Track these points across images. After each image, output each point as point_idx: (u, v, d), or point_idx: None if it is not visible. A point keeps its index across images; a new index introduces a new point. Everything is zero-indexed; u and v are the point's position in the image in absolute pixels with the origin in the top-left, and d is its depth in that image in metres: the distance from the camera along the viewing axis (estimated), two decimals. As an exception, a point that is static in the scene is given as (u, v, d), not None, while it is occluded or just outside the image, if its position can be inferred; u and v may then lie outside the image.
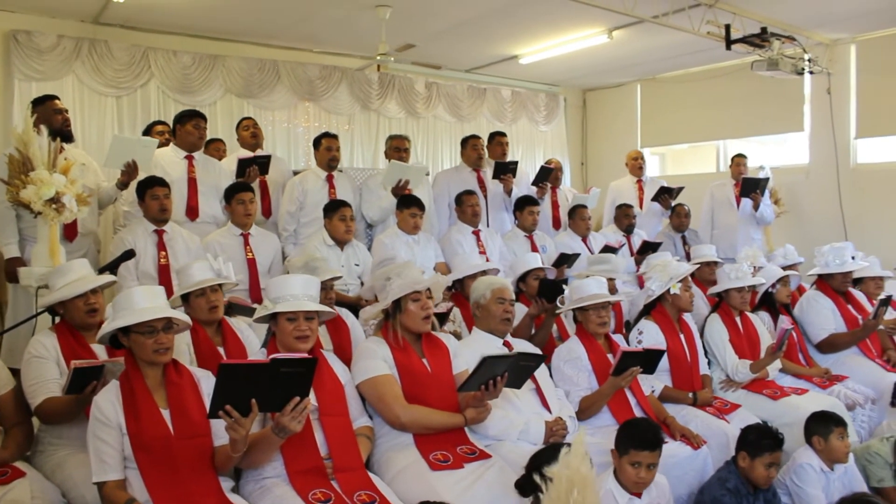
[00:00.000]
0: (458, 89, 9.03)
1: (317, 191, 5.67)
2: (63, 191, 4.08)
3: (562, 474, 0.92)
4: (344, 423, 3.06)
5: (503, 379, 3.16)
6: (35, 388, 3.16)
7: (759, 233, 7.39)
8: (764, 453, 3.42)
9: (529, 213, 6.09)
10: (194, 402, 2.79)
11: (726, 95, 8.79)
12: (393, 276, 3.35)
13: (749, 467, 3.43)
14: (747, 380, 4.49)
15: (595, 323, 3.94)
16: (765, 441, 3.45)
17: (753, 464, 3.42)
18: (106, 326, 2.75)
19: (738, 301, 4.71)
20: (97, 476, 2.63)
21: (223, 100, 7.42)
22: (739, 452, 3.49)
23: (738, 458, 3.50)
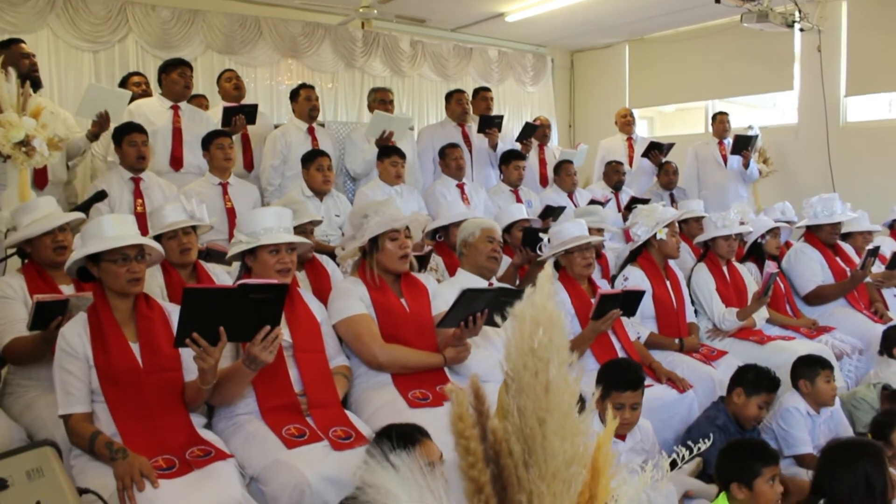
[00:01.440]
0: (443, 48, 8.88)
1: (299, 143, 5.56)
2: (33, 134, 3.95)
3: (525, 313, 0.83)
4: (319, 359, 2.99)
5: (483, 315, 3.09)
6: (2, 329, 3.06)
7: (747, 191, 7.33)
8: (761, 392, 3.40)
9: (515, 168, 6.00)
10: (165, 336, 2.71)
11: (715, 55, 8.68)
12: (370, 213, 3.25)
13: (743, 404, 3.40)
14: (734, 328, 4.44)
15: (580, 265, 3.87)
16: (764, 381, 3.42)
17: (748, 402, 3.39)
18: (75, 254, 2.65)
19: (725, 249, 4.65)
20: (63, 409, 2.55)
21: (204, 56, 7.25)
22: (735, 389, 3.46)
23: (732, 394, 3.46)
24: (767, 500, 2.55)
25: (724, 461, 2.65)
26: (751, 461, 2.56)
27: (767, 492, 2.54)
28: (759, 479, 2.54)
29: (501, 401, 0.86)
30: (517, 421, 0.83)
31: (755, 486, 2.54)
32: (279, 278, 2.90)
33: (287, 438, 2.65)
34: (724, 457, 2.65)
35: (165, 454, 2.48)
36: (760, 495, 2.54)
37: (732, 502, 2.58)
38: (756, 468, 2.54)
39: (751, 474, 2.54)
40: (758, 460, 2.57)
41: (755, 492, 2.54)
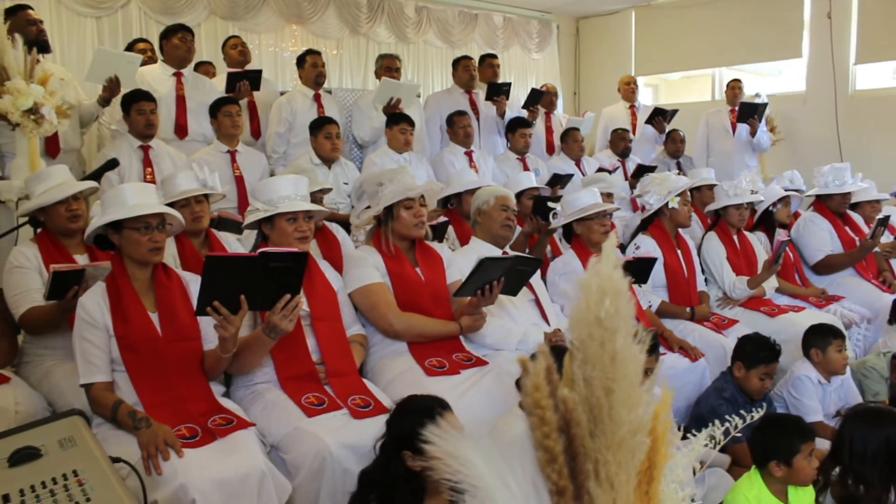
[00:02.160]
0: (448, 14, 8.79)
1: (305, 110, 5.52)
2: (42, 101, 3.92)
3: (591, 283, 0.83)
4: (337, 328, 2.99)
5: (499, 284, 3.08)
6: (18, 299, 3.07)
7: (754, 160, 7.28)
8: (759, 364, 3.38)
9: (521, 135, 5.97)
10: (183, 305, 2.70)
11: (723, 22, 8.59)
12: (385, 181, 3.23)
13: (744, 377, 3.40)
14: (744, 296, 4.43)
15: (599, 232, 3.85)
16: (761, 353, 3.41)
17: (748, 374, 3.39)
18: (97, 220, 2.63)
19: (736, 218, 4.63)
20: (84, 378, 2.55)
21: (207, 22, 7.16)
22: (735, 362, 3.46)
23: (733, 367, 3.46)
24: (806, 476, 2.52)
25: (762, 438, 2.58)
26: (789, 438, 2.51)
27: (806, 468, 2.51)
28: (798, 456, 2.49)
29: (567, 370, 0.85)
30: (583, 391, 0.83)
31: (794, 463, 2.49)
32: (297, 246, 2.89)
33: (307, 407, 2.66)
34: (761, 434, 2.59)
35: (187, 423, 2.49)
36: (799, 472, 2.50)
37: (767, 479, 2.55)
38: (795, 445, 2.50)
39: (790, 451, 2.50)
40: (796, 437, 2.52)
41: (794, 468, 2.50)
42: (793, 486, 2.56)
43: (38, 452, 1.68)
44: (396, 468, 2.25)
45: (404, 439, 2.25)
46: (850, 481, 2.71)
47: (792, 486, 2.56)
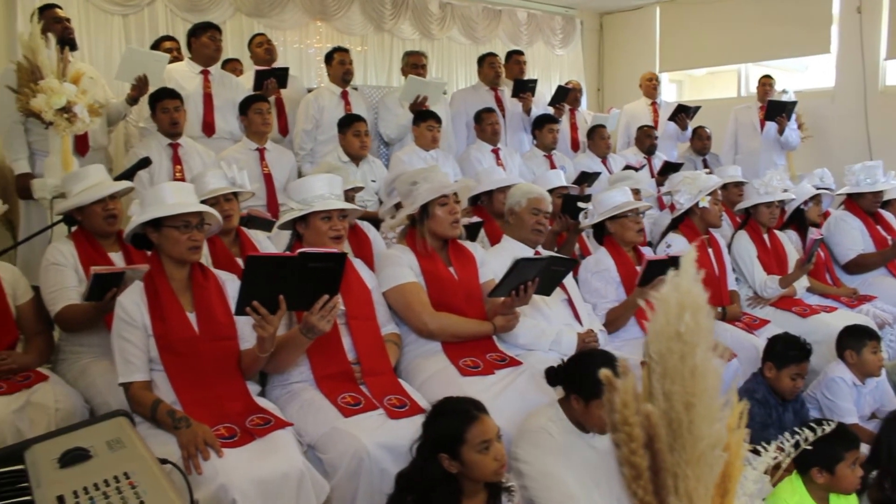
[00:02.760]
0: (472, 10, 8.77)
1: (332, 108, 5.52)
2: (74, 100, 3.94)
3: (671, 297, 0.82)
4: (372, 326, 2.99)
5: (534, 284, 3.07)
6: (55, 296, 3.10)
7: (782, 158, 7.20)
8: (790, 364, 3.33)
9: (549, 132, 5.95)
10: (220, 304, 2.72)
11: (750, 17, 8.49)
12: (419, 180, 3.22)
13: (775, 378, 3.36)
14: (776, 296, 4.40)
15: (634, 230, 3.83)
16: (791, 352, 3.36)
17: (779, 374, 3.35)
18: (136, 218, 2.65)
19: (767, 217, 4.59)
20: (123, 377, 2.57)
21: (233, 19, 7.17)
22: (766, 363, 3.43)
23: (764, 368, 3.43)
24: (849, 484, 2.48)
25: None
26: (833, 446, 2.45)
27: (849, 476, 2.47)
28: (841, 464, 2.46)
29: (646, 384, 0.84)
30: (663, 405, 0.82)
31: (837, 471, 2.46)
32: (332, 245, 2.90)
33: (343, 407, 2.67)
34: None
35: (225, 423, 2.50)
36: (842, 479, 2.47)
37: (809, 485, 2.52)
38: (839, 453, 2.46)
39: (833, 459, 2.46)
40: (840, 444, 2.47)
41: (837, 476, 2.47)
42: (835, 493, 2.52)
43: (88, 454, 1.69)
44: (433, 470, 2.25)
45: (441, 441, 2.25)
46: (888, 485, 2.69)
47: (834, 494, 2.53)
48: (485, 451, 2.21)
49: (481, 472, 2.23)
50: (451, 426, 2.25)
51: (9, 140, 4.41)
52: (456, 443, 2.21)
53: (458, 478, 2.25)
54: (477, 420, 2.26)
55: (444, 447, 2.23)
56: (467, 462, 2.21)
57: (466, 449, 2.21)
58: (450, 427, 2.25)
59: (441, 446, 2.24)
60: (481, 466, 2.21)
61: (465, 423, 2.23)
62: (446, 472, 2.24)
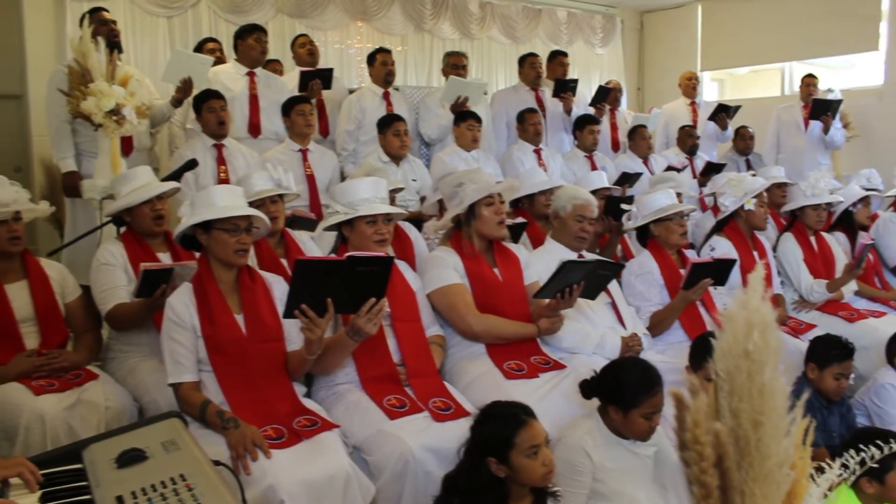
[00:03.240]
0: (512, 10, 8.76)
1: (374, 108, 5.54)
2: (123, 102, 4.02)
3: (739, 315, 0.81)
4: (417, 328, 3.00)
5: (579, 287, 3.06)
6: (105, 295, 3.16)
7: (826, 158, 7.08)
8: (832, 363, 3.30)
9: (590, 132, 5.92)
10: (267, 306, 2.75)
11: (795, 14, 8.37)
12: (465, 181, 3.23)
13: (818, 378, 3.33)
14: (822, 300, 4.33)
15: (678, 233, 3.80)
16: (833, 351, 3.33)
17: (822, 375, 3.31)
18: (187, 220, 2.69)
19: (814, 219, 4.52)
20: (173, 377, 2.61)
21: (275, 20, 7.26)
22: (808, 364, 3.38)
23: (807, 370, 3.39)
24: None
25: None
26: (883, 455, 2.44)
27: None
28: (891, 474, 2.41)
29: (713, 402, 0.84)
30: (730, 422, 0.82)
31: (888, 480, 2.42)
32: (377, 248, 2.91)
33: (389, 409, 2.68)
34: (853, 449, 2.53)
35: (273, 424, 2.53)
36: (893, 490, 2.42)
37: (860, 495, 2.47)
38: (889, 462, 2.40)
39: (883, 468, 2.40)
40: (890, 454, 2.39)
41: (888, 486, 2.42)
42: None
43: (145, 455, 1.72)
44: (481, 474, 2.26)
45: (490, 445, 2.25)
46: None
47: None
48: (533, 456, 2.22)
49: (529, 476, 2.23)
50: (500, 430, 2.26)
51: (57, 139, 4.48)
52: (505, 447, 2.22)
53: (506, 482, 2.26)
54: (526, 425, 2.27)
55: (492, 451, 2.24)
56: (515, 466, 2.22)
57: (515, 453, 2.22)
58: (499, 431, 2.26)
59: (489, 450, 2.25)
60: (529, 471, 2.22)
61: (515, 428, 2.24)
62: (494, 476, 2.25)
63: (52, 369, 2.96)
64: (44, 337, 3.08)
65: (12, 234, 3.08)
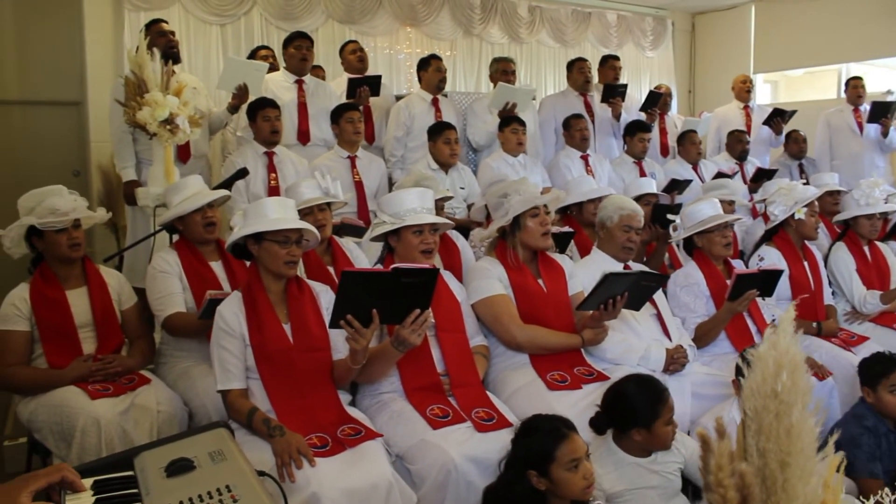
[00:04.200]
0: (561, 13, 8.74)
1: (423, 115, 5.59)
2: (176, 112, 4.12)
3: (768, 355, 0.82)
4: (461, 339, 3.03)
5: (623, 299, 3.06)
6: (162, 301, 3.27)
7: (883, 160, 6.93)
8: (881, 379, 3.14)
9: (640, 140, 5.88)
10: (314, 315, 2.81)
11: (852, 14, 8.19)
12: (511, 192, 3.25)
13: (876, 401, 3.18)
14: (876, 311, 4.24)
15: (721, 244, 3.76)
16: (877, 367, 3.19)
17: (878, 395, 3.17)
18: (239, 231, 2.76)
19: (868, 229, 4.42)
20: (221, 384, 2.68)
21: (325, 26, 7.35)
22: (863, 389, 3.27)
23: (864, 396, 3.28)
24: None
25: None
26: None
27: None
28: None
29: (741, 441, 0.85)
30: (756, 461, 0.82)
31: None
32: (423, 258, 2.95)
33: (432, 419, 2.71)
34: None
35: (318, 432, 2.58)
36: None
37: None
38: None
39: None
40: None
41: None
42: None
43: (193, 465, 1.78)
44: (522, 487, 2.28)
45: (530, 458, 2.27)
46: None
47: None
48: (574, 470, 2.24)
49: (570, 490, 2.25)
50: (541, 444, 2.28)
51: (118, 148, 4.65)
52: (545, 460, 2.24)
53: (546, 495, 2.28)
54: (567, 438, 2.28)
55: (533, 464, 2.26)
56: (556, 480, 2.24)
57: (556, 467, 2.24)
58: (540, 444, 2.28)
59: (530, 463, 2.27)
60: (570, 485, 2.24)
61: (556, 442, 2.26)
62: (534, 489, 2.27)
63: (108, 374, 3.06)
64: (100, 342, 3.20)
65: (73, 242, 3.19)
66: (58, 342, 3.11)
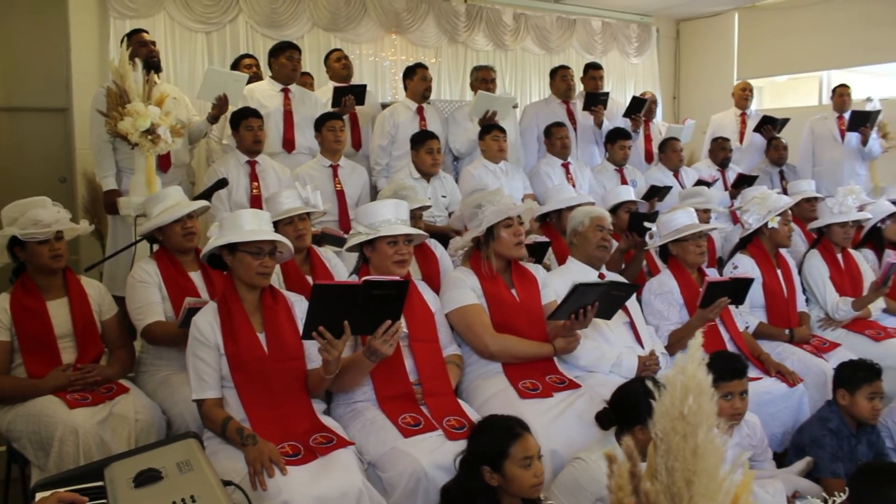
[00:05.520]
0: (546, 20, 8.79)
1: (408, 123, 5.63)
2: (158, 122, 4.16)
3: (676, 380, 0.88)
4: (434, 349, 3.09)
5: (593, 308, 3.12)
6: (142, 310, 3.31)
7: (864, 168, 6.99)
8: (862, 385, 3.26)
9: (620, 147, 5.93)
10: (288, 325, 2.85)
11: (833, 22, 8.27)
12: (485, 203, 3.31)
13: (850, 404, 3.29)
14: (848, 318, 4.31)
15: (695, 253, 3.83)
16: (860, 373, 3.29)
17: (854, 399, 3.28)
18: (214, 241, 2.80)
19: (841, 237, 4.49)
20: (196, 394, 2.73)
21: (310, 34, 7.37)
22: (838, 391, 3.36)
23: (836, 396, 3.36)
24: None
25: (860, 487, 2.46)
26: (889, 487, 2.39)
27: None
28: None
29: (651, 461, 0.91)
30: (665, 480, 0.88)
31: None
32: (396, 269, 3.00)
33: (403, 427, 2.77)
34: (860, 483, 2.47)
35: (291, 441, 2.62)
36: None
37: None
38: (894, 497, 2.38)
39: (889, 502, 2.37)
40: None
41: None
42: None
43: (160, 475, 1.83)
44: (475, 482, 2.38)
45: (485, 454, 2.37)
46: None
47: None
48: (526, 467, 2.35)
49: (520, 486, 2.35)
50: (496, 441, 2.39)
51: (99, 158, 4.68)
52: (500, 457, 2.35)
53: (498, 491, 2.38)
54: (521, 437, 2.39)
55: (487, 460, 2.36)
56: (508, 476, 2.34)
57: (509, 463, 2.34)
58: (495, 441, 2.39)
59: (485, 459, 2.37)
60: (521, 481, 2.34)
61: (511, 439, 2.37)
62: (486, 485, 2.37)
63: (87, 383, 3.10)
64: (80, 352, 3.24)
65: (54, 253, 3.24)
66: (37, 352, 3.15)
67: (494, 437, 2.40)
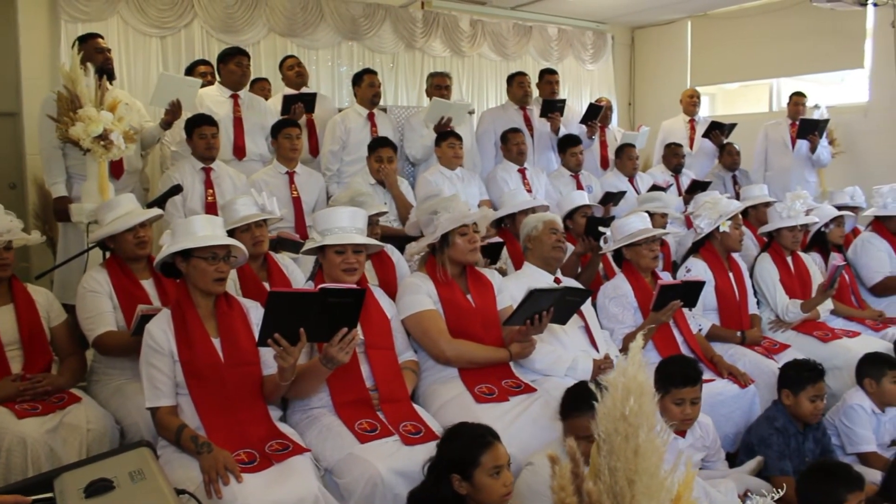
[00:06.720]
0: (503, 27, 8.85)
1: (359, 129, 5.61)
2: (111, 128, 4.10)
3: (618, 382, 0.90)
4: (390, 356, 3.09)
5: (549, 314, 3.15)
6: (93, 320, 3.26)
7: (813, 175, 7.15)
8: (806, 386, 3.35)
9: (572, 154, 6.00)
10: (244, 331, 2.84)
11: (782, 31, 8.45)
12: (440, 209, 3.33)
13: (794, 404, 3.38)
14: (797, 320, 4.41)
15: (648, 258, 3.90)
16: (805, 374, 3.38)
17: (798, 399, 3.37)
18: (167, 248, 2.78)
19: (790, 240, 4.60)
20: (150, 402, 2.70)
21: (266, 39, 7.33)
22: (782, 391, 3.44)
23: (781, 396, 3.44)
24: None
25: (807, 487, 2.55)
26: (835, 486, 2.47)
27: None
28: None
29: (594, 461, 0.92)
30: (608, 480, 0.90)
31: None
32: (345, 277, 3.00)
33: (360, 433, 2.77)
34: (807, 482, 2.56)
35: (246, 448, 2.61)
36: None
37: None
38: (841, 494, 2.46)
39: (835, 500, 2.46)
40: (842, 486, 2.48)
41: None
42: None
43: (112, 485, 1.81)
44: (444, 490, 2.37)
45: (455, 462, 2.36)
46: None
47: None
48: (496, 476, 2.35)
49: (489, 495, 2.35)
50: (466, 449, 2.38)
51: (48, 164, 4.58)
52: (469, 465, 2.35)
53: (466, 500, 2.36)
54: (492, 446, 2.39)
55: (457, 468, 2.36)
56: (478, 485, 2.33)
57: (479, 472, 2.34)
58: (465, 450, 2.38)
59: (454, 467, 2.36)
60: (491, 490, 2.34)
61: (481, 448, 2.37)
62: (455, 493, 2.36)
63: (36, 393, 3.04)
64: (28, 361, 3.18)
65: (2, 262, 3.18)
66: (-18, 361, 3.08)
67: (465, 445, 2.39)
